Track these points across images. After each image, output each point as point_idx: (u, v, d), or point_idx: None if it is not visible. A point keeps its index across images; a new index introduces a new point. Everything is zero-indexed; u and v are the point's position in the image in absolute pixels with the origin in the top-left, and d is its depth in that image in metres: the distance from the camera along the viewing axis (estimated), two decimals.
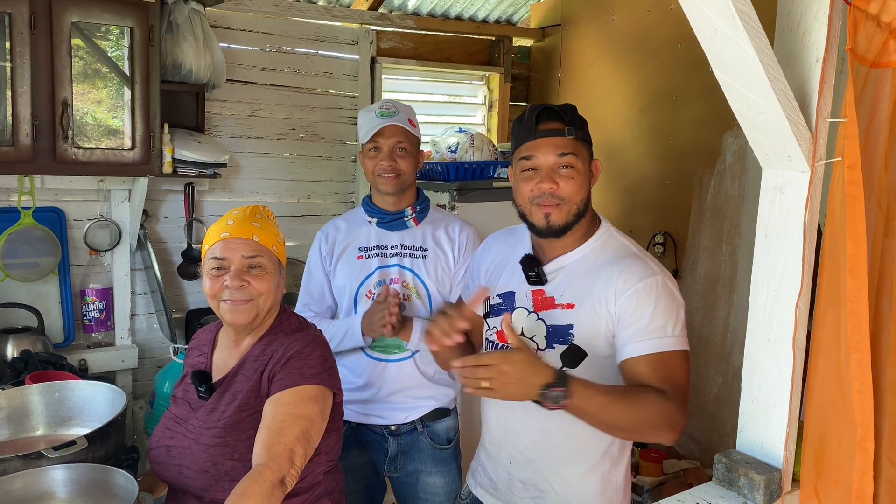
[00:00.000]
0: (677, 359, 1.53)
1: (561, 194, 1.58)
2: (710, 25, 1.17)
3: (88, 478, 1.52)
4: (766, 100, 1.22)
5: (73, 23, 2.56)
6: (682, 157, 3.47)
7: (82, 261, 3.04)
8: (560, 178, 1.58)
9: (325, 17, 3.57)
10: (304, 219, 3.65)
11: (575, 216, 1.61)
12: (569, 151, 1.58)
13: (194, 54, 2.93)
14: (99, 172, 2.83)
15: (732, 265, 3.25)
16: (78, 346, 3.04)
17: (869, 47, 1.25)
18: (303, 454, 1.48)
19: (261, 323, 1.66)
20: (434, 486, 2.20)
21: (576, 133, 1.59)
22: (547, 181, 1.58)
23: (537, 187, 1.59)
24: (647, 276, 1.56)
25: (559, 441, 1.64)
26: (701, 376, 3.35)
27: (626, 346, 1.54)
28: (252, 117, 3.45)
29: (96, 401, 1.86)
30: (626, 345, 1.55)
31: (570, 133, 1.59)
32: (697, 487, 1.42)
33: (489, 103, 4.26)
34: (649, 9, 3.60)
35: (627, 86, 3.75)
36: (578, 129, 1.61)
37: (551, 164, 1.59)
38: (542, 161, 1.59)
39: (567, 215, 1.60)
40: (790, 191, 1.33)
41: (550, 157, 1.58)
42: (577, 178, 1.59)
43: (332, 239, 2.23)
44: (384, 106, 2.15)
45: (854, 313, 1.24)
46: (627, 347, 1.54)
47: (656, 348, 1.52)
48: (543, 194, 1.59)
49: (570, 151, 1.58)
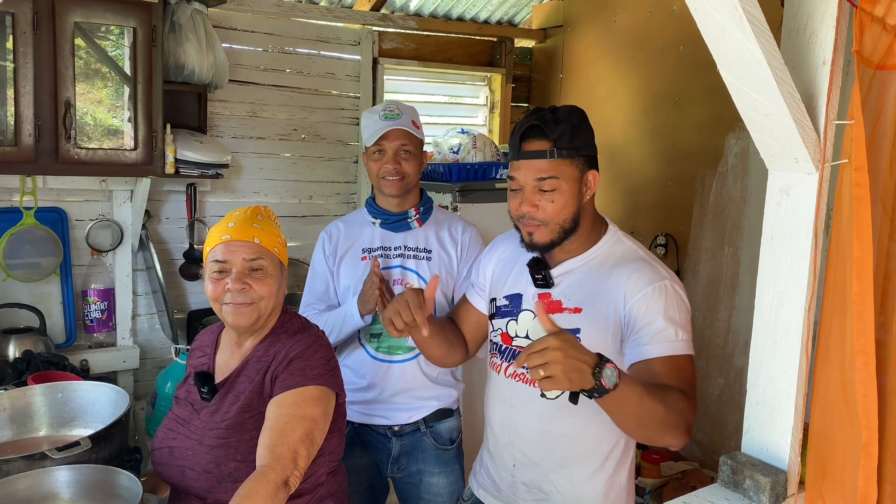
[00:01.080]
0: (687, 362, 1.53)
1: (540, 217, 1.58)
2: (718, 27, 1.17)
3: (92, 479, 1.51)
4: (772, 102, 1.21)
5: (75, 23, 2.56)
6: (684, 158, 3.47)
7: (84, 261, 3.04)
8: (541, 198, 1.57)
9: (328, 17, 3.58)
10: (305, 219, 3.65)
11: (560, 234, 1.59)
12: (548, 175, 1.55)
13: (197, 55, 2.93)
14: (101, 173, 2.83)
15: (734, 267, 3.25)
16: (79, 346, 3.04)
17: (875, 50, 1.25)
18: (306, 455, 1.48)
19: (263, 324, 1.66)
20: (437, 486, 2.20)
21: (560, 153, 1.55)
22: (527, 204, 1.58)
23: (519, 208, 1.60)
24: (656, 280, 1.55)
25: (563, 443, 1.63)
26: (703, 377, 3.35)
27: (639, 349, 1.53)
28: (254, 118, 3.45)
29: (99, 401, 1.85)
30: (638, 347, 1.53)
31: (554, 154, 1.54)
32: (703, 489, 1.41)
33: (491, 104, 4.26)
34: (651, 10, 3.60)
35: (629, 87, 3.75)
36: (566, 147, 1.55)
37: (532, 187, 1.57)
38: (524, 182, 1.58)
39: (550, 234, 1.59)
40: (796, 193, 1.33)
41: (530, 181, 1.57)
42: (559, 200, 1.56)
43: (336, 239, 2.22)
44: (388, 108, 2.15)
45: (859, 316, 1.24)
46: (640, 349, 1.53)
47: (670, 351, 1.51)
48: (524, 215, 1.59)
49: (551, 175, 1.55)
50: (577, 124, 1.58)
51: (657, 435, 1.47)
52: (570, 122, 1.56)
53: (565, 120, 1.56)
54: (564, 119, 1.56)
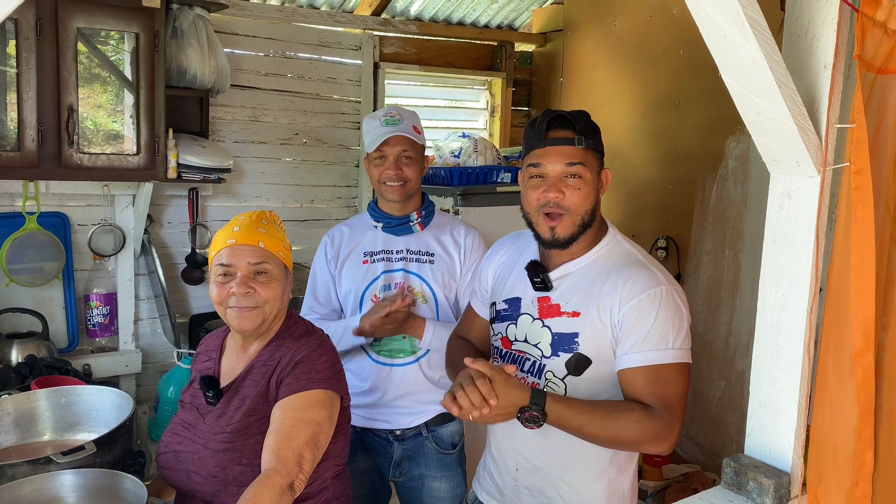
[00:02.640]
0: (674, 372, 1.52)
1: (566, 204, 1.58)
2: (720, 32, 1.18)
3: (97, 483, 1.52)
4: (774, 106, 1.22)
5: (78, 28, 2.57)
6: (684, 161, 3.48)
7: (86, 266, 3.04)
8: (567, 187, 1.57)
9: (329, 22, 3.59)
10: (307, 223, 3.65)
11: (580, 227, 1.60)
12: (578, 161, 1.57)
13: (199, 60, 2.94)
14: (104, 177, 2.83)
15: (735, 269, 3.25)
16: (82, 350, 3.04)
17: (876, 54, 1.25)
18: (311, 459, 1.48)
19: (268, 328, 1.66)
20: (439, 490, 2.20)
21: (586, 142, 1.58)
22: (553, 190, 1.57)
23: (543, 196, 1.58)
24: (651, 286, 1.55)
25: (565, 448, 1.63)
26: (704, 380, 3.35)
27: (623, 357, 1.55)
28: (256, 122, 3.45)
29: (103, 406, 1.86)
30: (624, 355, 1.55)
31: (581, 143, 1.57)
32: (707, 491, 1.42)
33: (491, 108, 4.27)
34: (651, 14, 3.61)
35: (630, 91, 3.76)
36: (589, 139, 1.59)
37: (559, 173, 1.57)
38: (550, 169, 1.58)
39: (572, 227, 1.59)
40: (798, 196, 1.34)
41: (558, 166, 1.57)
42: (584, 189, 1.58)
43: (338, 243, 2.23)
44: (389, 113, 2.15)
45: (858, 318, 1.24)
46: (624, 358, 1.55)
47: (652, 360, 1.52)
48: (549, 203, 1.58)
49: (580, 161, 1.57)
50: (594, 124, 1.63)
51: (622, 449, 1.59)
52: (587, 119, 1.61)
53: (585, 115, 1.62)
54: (583, 115, 1.62)
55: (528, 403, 1.48)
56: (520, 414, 1.49)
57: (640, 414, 1.49)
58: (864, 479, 1.27)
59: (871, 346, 1.25)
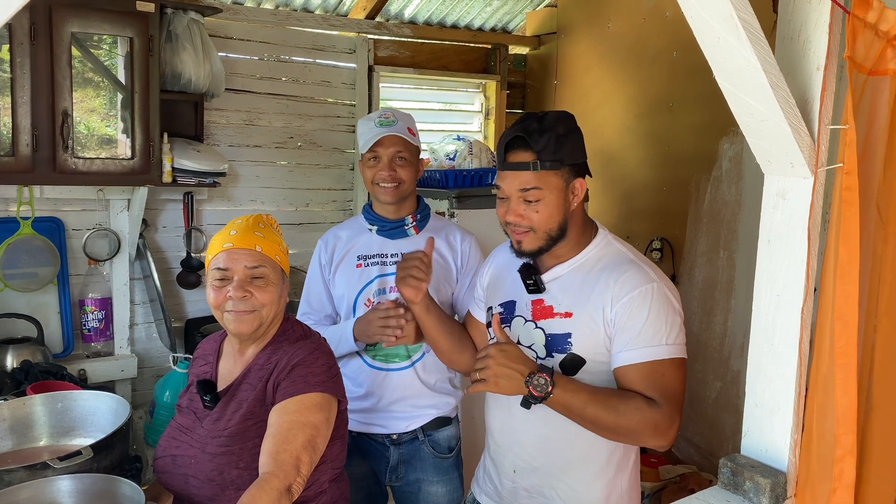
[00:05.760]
0: (670, 367, 1.53)
1: (526, 224, 1.59)
2: (714, 35, 1.18)
3: (94, 488, 1.51)
4: (768, 107, 1.23)
5: (72, 33, 2.57)
6: (678, 163, 3.49)
7: (81, 270, 3.04)
8: (527, 208, 1.58)
9: (323, 26, 3.59)
10: (302, 227, 3.65)
11: (547, 241, 1.61)
12: (532, 187, 1.56)
13: (193, 64, 2.94)
14: (99, 182, 2.83)
15: (730, 270, 3.26)
16: (77, 355, 3.03)
17: (867, 55, 1.26)
18: (309, 462, 1.48)
19: (265, 332, 1.66)
20: (435, 495, 2.19)
21: (543, 165, 1.55)
22: (512, 214, 1.60)
23: (505, 216, 1.62)
24: (643, 283, 1.56)
25: (562, 448, 1.64)
26: (699, 381, 3.36)
27: (619, 355, 1.56)
28: (250, 126, 3.46)
29: (99, 411, 1.85)
30: (619, 353, 1.56)
31: (537, 167, 1.55)
32: (704, 492, 1.42)
33: (486, 111, 4.27)
34: (645, 17, 3.63)
35: (623, 93, 3.78)
36: (550, 159, 1.55)
37: (517, 197, 1.59)
38: (508, 192, 1.60)
39: (538, 241, 1.61)
40: (792, 197, 1.34)
41: (514, 191, 1.59)
42: (544, 209, 1.58)
43: (332, 247, 2.22)
44: (383, 115, 2.15)
45: (841, 319, 1.24)
46: (619, 356, 1.56)
47: (647, 357, 1.53)
48: (511, 223, 1.61)
49: (534, 186, 1.56)
50: (564, 133, 1.58)
51: (622, 439, 1.59)
52: (555, 132, 1.56)
53: (550, 129, 1.57)
54: (549, 129, 1.57)
55: (536, 369, 1.51)
56: (528, 379, 1.51)
57: (641, 402, 1.51)
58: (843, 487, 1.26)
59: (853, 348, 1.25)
